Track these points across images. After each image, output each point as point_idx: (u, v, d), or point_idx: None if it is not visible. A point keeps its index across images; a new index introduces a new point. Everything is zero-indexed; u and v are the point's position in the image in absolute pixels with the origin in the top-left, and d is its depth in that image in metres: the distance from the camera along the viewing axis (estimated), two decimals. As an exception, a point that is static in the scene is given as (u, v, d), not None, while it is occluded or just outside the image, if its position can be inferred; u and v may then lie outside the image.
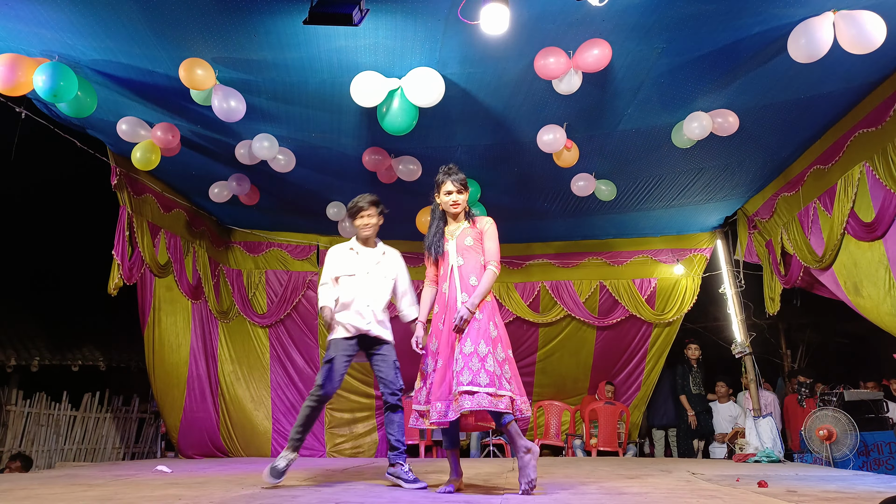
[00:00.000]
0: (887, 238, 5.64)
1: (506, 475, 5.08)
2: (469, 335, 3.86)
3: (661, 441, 9.22)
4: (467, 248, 4.11)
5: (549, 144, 5.95)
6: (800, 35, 4.55)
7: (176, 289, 7.69)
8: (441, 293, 4.15)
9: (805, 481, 4.61)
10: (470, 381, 3.70)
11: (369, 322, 4.51)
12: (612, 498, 3.60)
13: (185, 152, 6.37)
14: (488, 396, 3.67)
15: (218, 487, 4.23)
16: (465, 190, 4.20)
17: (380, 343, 4.58)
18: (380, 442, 9.22)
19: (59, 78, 4.91)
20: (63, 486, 4.27)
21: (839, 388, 7.46)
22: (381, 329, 4.58)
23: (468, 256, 4.09)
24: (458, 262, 4.09)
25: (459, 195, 4.17)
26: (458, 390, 3.71)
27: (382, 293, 4.62)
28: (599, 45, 4.82)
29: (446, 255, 4.16)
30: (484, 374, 3.72)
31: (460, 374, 3.75)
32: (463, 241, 4.13)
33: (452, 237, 4.18)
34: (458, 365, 3.79)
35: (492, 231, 4.15)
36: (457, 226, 4.21)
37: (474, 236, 4.13)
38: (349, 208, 4.67)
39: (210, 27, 4.70)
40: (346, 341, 4.51)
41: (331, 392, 4.44)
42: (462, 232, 4.16)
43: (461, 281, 4.05)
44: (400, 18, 4.63)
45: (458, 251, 4.12)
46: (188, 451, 8.07)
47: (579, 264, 9.35)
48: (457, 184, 4.16)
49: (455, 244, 4.15)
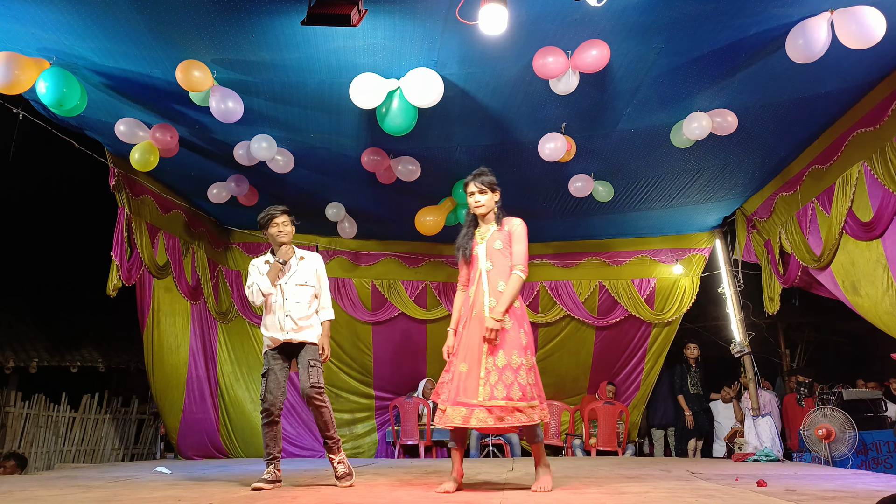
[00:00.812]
0: (885, 237, 5.65)
1: (505, 475, 5.08)
2: (501, 347, 3.87)
3: (661, 441, 9.22)
4: (497, 251, 4.07)
5: (551, 153, 5.94)
6: (797, 36, 4.56)
7: (175, 290, 7.68)
8: (467, 296, 4.12)
9: (804, 480, 4.61)
10: (505, 395, 3.76)
11: (288, 332, 4.50)
12: (612, 497, 3.61)
13: (183, 153, 6.37)
14: (522, 414, 3.76)
15: (218, 488, 4.24)
16: (491, 191, 4.13)
17: (302, 346, 4.57)
18: (379, 442, 9.22)
19: (62, 84, 4.93)
20: (62, 488, 4.26)
21: (838, 388, 7.46)
22: (304, 334, 4.55)
23: (497, 261, 4.05)
24: (486, 267, 4.07)
25: (482, 195, 4.12)
26: (493, 404, 3.75)
27: (301, 301, 4.57)
28: (598, 46, 4.82)
29: (475, 258, 4.13)
30: (517, 387, 3.78)
31: (494, 387, 3.79)
32: (492, 245, 4.09)
33: (482, 240, 4.14)
34: (493, 378, 3.81)
35: (520, 232, 4.10)
36: (486, 228, 4.18)
37: (503, 239, 4.09)
38: (261, 218, 4.66)
39: (207, 28, 4.70)
40: (276, 353, 4.55)
41: (274, 402, 4.43)
42: (492, 235, 4.12)
43: (489, 286, 4.02)
44: (398, 19, 4.63)
45: (488, 255, 4.08)
46: (188, 452, 8.06)
47: (578, 264, 9.36)
48: (479, 184, 4.12)
49: (485, 247, 4.11)
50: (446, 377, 4.03)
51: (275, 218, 4.61)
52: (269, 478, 4.31)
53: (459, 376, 3.90)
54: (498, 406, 3.75)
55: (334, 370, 9.10)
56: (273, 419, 4.43)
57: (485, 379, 3.82)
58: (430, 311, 9.35)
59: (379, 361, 9.32)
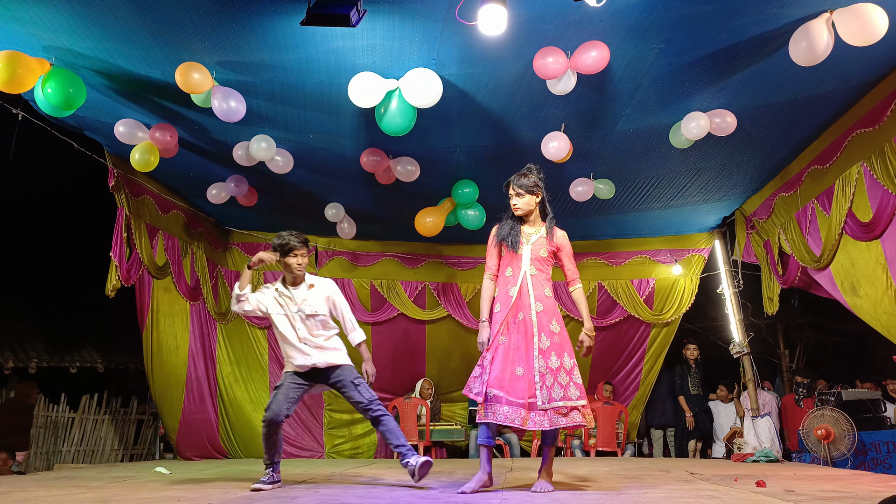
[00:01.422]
0: (885, 238, 5.65)
1: (504, 475, 5.08)
2: (553, 349, 3.94)
3: (660, 441, 9.22)
4: (541, 258, 4.11)
5: (556, 152, 5.94)
6: (800, 39, 4.56)
7: (174, 290, 7.68)
8: (506, 295, 4.07)
9: (803, 481, 4.61)
10: (562, 395, 3.85)
11: (311, 356, 4.44)
12: (611, 498, 3.61)
13: (183, 154, 6.37)
14: (578, 413, 3.87)
15: (217, 489, 4.24)
16: (530, 194, 4.13)
17: (333, 370, 4.50)
18: (378, 443, 9.21)
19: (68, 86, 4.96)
20: (61, 489, 4.26)
21: (837, 388, 7.46)
22: (329, 356, 4.49)
23: (541, 267, 4.10)
24: (531, 271, 4.08)
25: (519, 199, 4.13)
26: (552, 406, 3.82)
27: (313, 329, 4.51)
28: (598, 48, 4.83)
29: (518, 258, 4.12)
30: (573, 387, 3.90)
31: (552, 389, 3.84)
32: (538, 252, 4.11)
33: (528, 241, 4.14)
34: (549, 380, 3.87)
35: (569, 250, 4.24)
36: (533, 231, 4.18)
37: (549, 249, 4.14)
38: (280, 245, 4.51)
39: (207, 29, 4.70)
40: (296, 375, 4.48)
41: (277, 415, 4.34)
42: (538, 241, 4.14)
43: (534, 291, 4.04)
44: (398, 19, 4.63)
45: (532, 259, 4.10)
46: (187, 452, 8.06)
47: (577, 264, 9.32)
48: (516, 188, 4.14)
49: (530, 250, 4.12)
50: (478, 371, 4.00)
51: (296, 249, 4.49)
52: (268, 479, 4.30)
53: (516, 378, 3.89)
54: (555, 408, 3.83)
55: (334, 370, 9.08)
56: (273, 430, 4.37)
57: (540, 383, 3.86)
58: (429, 312, 9.34)
59: (378, 362, 9.16)
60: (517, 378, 3.89)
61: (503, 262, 4.18)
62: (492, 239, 4.24)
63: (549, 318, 4.02)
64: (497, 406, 3.86)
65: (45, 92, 4.92)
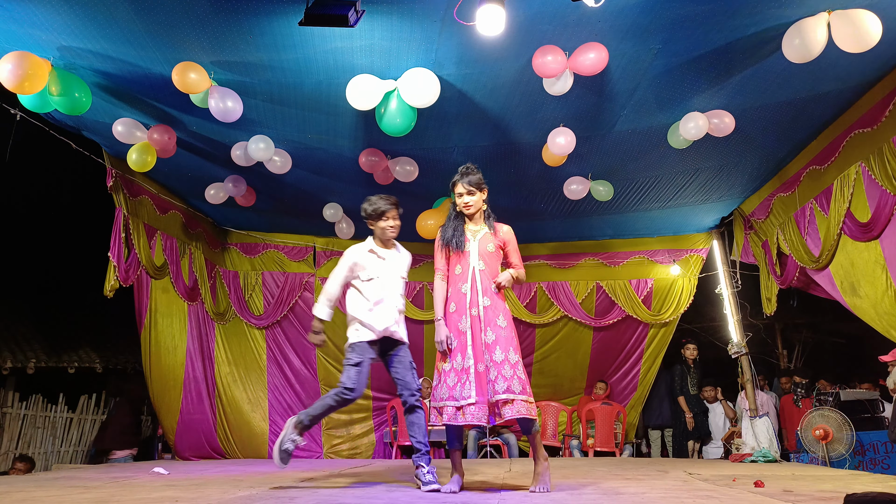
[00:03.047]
0: (883, 238, 5.66)
1: (503, 476, 5.08)
2: (498, 343, 3.96)
3: (658, 441, 9.22)
4: (489, 253, 4.16)
5: (563, 148, 5.93)
6: (794, 35, 4.57)
7: (172, 291, 7.68)
8: (460, 293, 4.11)
9: (801, 481, 4.62)
10: (506, 388, 3.86)
11: (396, 322, 4.44)
12: (610, 498, 3.61)
13: (181, 154, 6.37)
14: (525, 404, 3.86)
15: (215, 489, 4.23)
16: (479, 191, 4.24)
17: (398, 344, 4.50)
18: (377, 443, 9.22)
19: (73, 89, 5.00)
20: (60, 489, 4.26)
21: (835, 388, 7.47)
22: (402, 328, 4.53)
23: (489, 262, 4.14)
24: (479, 266, 4.13)
25: (470, 196, 4.22)
26: (496, 398, 3.85)
27: (401, 292, 4.58)
28: (596, 49, 4.83)
29: (466, 254, 4.17)
30: (517, 381, 3.88)
31: (495, 382, 3.88)
32: (485, 247, 4.17)
33: (474, 238, 4.21)
34: (492, 373, 3.90)
35: (514, 245, 4.28)
36: (478, 227, 4.25)
37: (496, 244, 4.20)
38: (370, 209, 4.54)
39: (205, 29, 4.70)
40: (370, 345, 4.41)
41: (359, 395, 4.37)
42: (484, 236, 4.20)
43: (483, 286, 4.08)
44: (396, 19, 4.63)
45: (480, 255, 4.15)
46: (185, 452, 8.06)
47: (576, 265, 9.36)
48: (467, 185, 4.22)
49: (477, 247, 4.18)
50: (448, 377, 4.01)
51: (387, 212, 4.55)
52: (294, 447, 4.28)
53: (478, 375, 3.92)
54: (501, 400, 3.84)
55: (332, 371, 9.08)
56: (344, 406, 4.40)
57: (485, 376, 3.90)
58: (426, 312, 9.33)
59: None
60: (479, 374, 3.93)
61: (451, 261, 4.23)
62: (438, 241, 4.31)
63: (497, 313, 4.05)
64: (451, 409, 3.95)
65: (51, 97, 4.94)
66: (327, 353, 8.95)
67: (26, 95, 5.03)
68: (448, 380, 4.00)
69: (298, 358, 8.95)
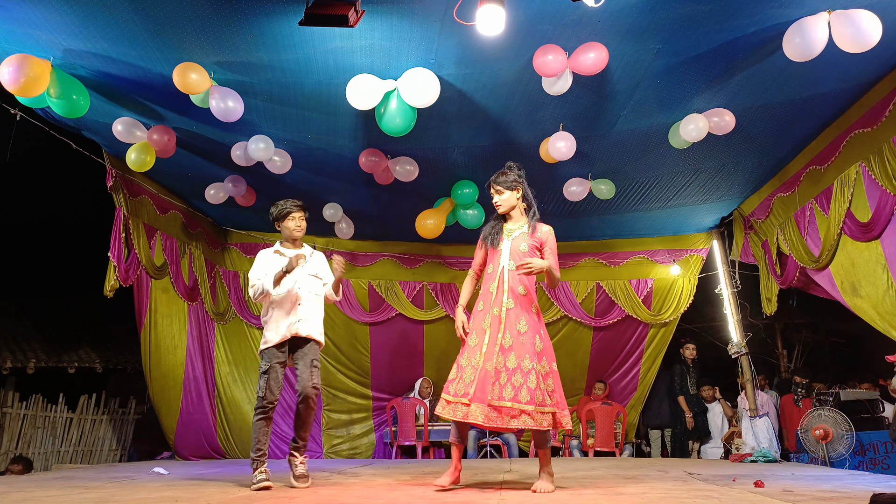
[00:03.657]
0: (884, 238, 5.65)
1: (503, 475, 5.08)
2: (514, 349, 3.90)
3: (658, 441, 9.22)
4: (521, 253, 4.10)
5: (566, 151, 5.92)
6: (794, 34, 4.56)
7: (172, 290, 7.68)
8: (487, 291, 4.12)
9: (801, 481, 4.62)
10: (512, 397, 3.79)
11: (300, 320, 4.59)
12: (610, 498, 3.61)
13: (180, 154, 6.36)
14: (529, 418, 3.77)
15: (215, 489, 4.23)
16: (509, 189, 4.24)
17: (306, 342, 4.64)
18: (377, 443, 9.22)
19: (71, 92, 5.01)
20: (59, 489, 4.26)
21: (835, 388, 7.47)
22: (312, 327, 4.65)
23: (520, 262, 4.05)
24: (509, 266, 4.08)
25: (499, 195, 4.25)
26: (500, 405, 3.79)
27: (312, 291, 4.71)
28: (596, 49, 4.83)
29: (498, 253, 4.15)
30: (526, 391, 3.80)
31: (503, 387, 3.82)
32: (518, 246, 4.12)
33: (509, 237, 4.19)
34: (503, 378, 3.84)
35: (552, 244, 4.19)
36: (516, 226, 4.23)
37: (530, 244, 4.13)
38: (276, 211, 4.83)
39: (205, 29, 4.70)
40: (275, 349, 4.55)
41: (273, 401, 4.49)
42: (519, 236, 4.17)
43: (509, 286, 4.05)
44: (396, 19, 4.63)
45: (512, 254, 4.11)
46: (185, 452, 8.06)
47: (576, 265, 9.36)
48: (496, 186, 4.26)
49: (510, 246, 4.15)
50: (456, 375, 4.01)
51: (292, 213, 4.77)
52: (267, 476, 4.30)
53: (485, 374, 3.89)
54: (505, 407, 3.79)
55: (332, 371, 9.09)
56: (269, 416, 4.51)
57: (494, 379, 3.85)
58: (427, 312, 9.34)
59: (376, 362, 9.32)
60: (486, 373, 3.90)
61: (488, 259, 4.23)
62: (480, 239, 4.34)
63: (518, 316, 4.00)
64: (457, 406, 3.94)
65: (50, 99, 4.95)
66: (327, 354, 8.96)
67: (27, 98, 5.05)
68: (465, 376, 3.96)
69: (298, 358, 8.93)
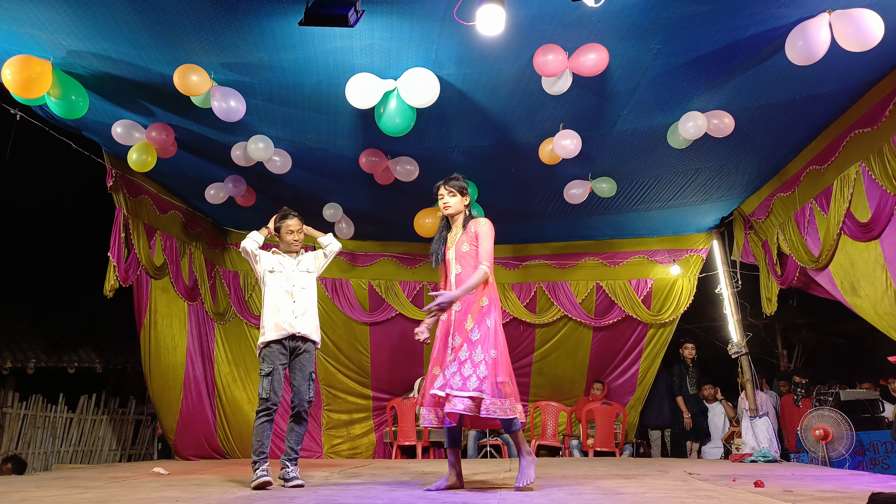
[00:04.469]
0: (883, 238, 5.65)
1: (502, 475, 5.08)
2: (464, 343, 3.90)
3: (658, 441, 9.22)
4: (464, 254, 4.11)
5: (573, 149, 5.91)
6: (797, 38, 4.56)
7: (172, 290, 7.67)
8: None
9: (801, 481, 4.62)
10: (460, 385, 3.77)
11: (297, 317, 4.64)
12: (609, 498, 3.61)
13: (180, 154, 6.37)
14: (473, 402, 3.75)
15: (215, 489, 4.23)
16: (461, 194, 4.22)
17: (304, 342, 4.68)
18: (377, 443, 9.22)
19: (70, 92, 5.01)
20: (59, 489, 4.26)
21: (835, 388, 7.47)
22: (309, 324, 4.70)
23: (466, 263, 4.09)
24: (456, 270, 4.12)
25: (451, 198, 4.22)
26: (448, 393, 3.77)
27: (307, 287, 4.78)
28: (596, 50, 4.82)
29: (448, 263, 4.18)
30: (475, 378, 3.77)
31: (452, 377, 3.82)
32: (460, 248, 4.14)
33: (452, 244, 4.20)
34: (452, 368, 3.85)
35: (485, 231, 4.10)
36: (456, 232, 4.24)
37: (470, 241, 4.12)
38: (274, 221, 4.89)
39: (205, 29, 4.70)
40: (276, 346, 4.60)
41: (277, 402, 4.53)
42: (459, 238, 4.18)
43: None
44: (396, 19, 4.63)
45: (457, 259, 4.13)
46: (185, 452, 8.06)
47: (576, 265, 9.36)
48: (448, 188, 4.23)
49: (454, 252, 4.16)
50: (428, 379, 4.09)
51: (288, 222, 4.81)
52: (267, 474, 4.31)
53: (432, 379, 3.98)
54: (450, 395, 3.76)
55: (331, 371, 9.09)
56: (272, 418, 4.52)
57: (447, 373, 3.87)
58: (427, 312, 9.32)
59: (376, 362, 9.32)
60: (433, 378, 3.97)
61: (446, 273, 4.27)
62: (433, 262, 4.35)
63: (465, 316, 4.01)
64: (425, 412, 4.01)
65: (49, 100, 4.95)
66: (327, 354, 8.96)
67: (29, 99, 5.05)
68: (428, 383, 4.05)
69: (298, 358, 8.93)
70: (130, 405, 10.27)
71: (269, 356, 4.57)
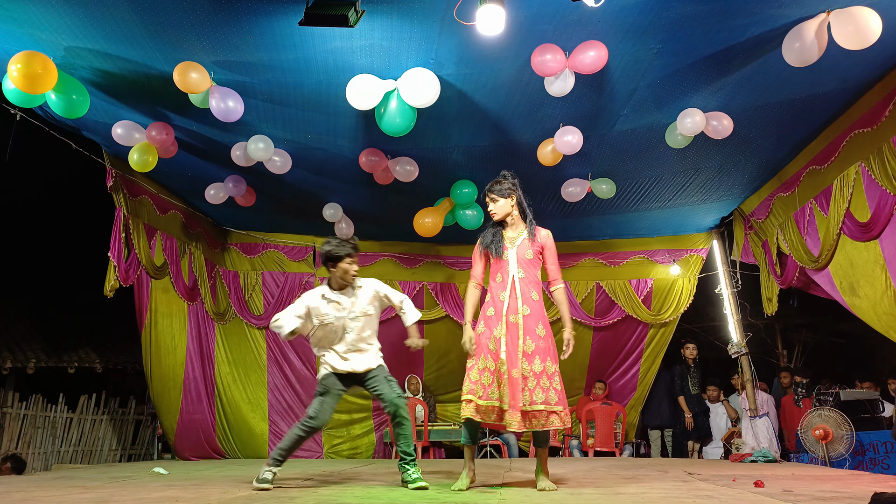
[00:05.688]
0: (883, 238, 5.65)
1: (503, 475, 5.08)
2: (537, 353, 4.03)
3: (658, 441, 9.22)
4: (527, 261, 4.19)
5: (574, 145, 5.91)
6: (794, 39, 4.56)
7: (172, 291, 7.67)
8: (497, 300, 4.17)
9: (801, 481, 4.62)
10: (543, 399, 3.95)
11: (353, 363, 4.52)
12: (609, 498, 3.61)
13: (181, 154, 6.37)
14: (557, 417, 3.97)
15: (215, 489, 4.23)
16: (503, 197, 4.28)
17: (370, 370, 4.57)
18: (377, 443, 9.21)
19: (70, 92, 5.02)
20: (59, 489, 4.26)
21: (835, 388, 7.46)
22: (368, 361, 4.56)
23: (528, 270, 4.18)
24: (518, 274, 4.17)
25: (493, 203, 4.31)
26: (533, 409, 3.94)
27: (364, 330, 4.59)
28: (595, 47, 4.83)
29: (505, 263, 4.21)
30: (553, 392, 3.97)
31: (533, 392, 3.96)
32: (523, 254, 4.20)
33: (513, 245, 4.24)
34: (531, 382, 3.97)
35: (552, 249, 4.28)
36: (516, 234, 4.29)
37: (534, 250, 4.22)
38: (330, 252, 4.57)
39: (205, 29, 4.70)
40: (336, 377, 4.55)
41: (322, 425, 4.49)
42: (522, 243, 4.23)
43: (522, 294, 4.13)
44: (396, 19, 4.63)
45: (519, 263, 4.19)
46: (185, 452, 8.05)
47: (576, 265, 9.35)
48: (491, 195, 4.32)
49: (515, 254, 4.21)
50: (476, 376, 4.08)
51: (349, 256, 4.62)
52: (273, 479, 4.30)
53: (514, 381, 3.99)
54: (535, 411, 3.95)
55: (332, 371, 9.08)
56: (311, 436, 4.51)
57: (523, 385, 3.97)
58: (427, 312, 9.32)
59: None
60: (514, 381, 4.00)
61: (492, 268, 4.28)
62: (477, 247, 4.36)
63: (536, 321, 4.10)
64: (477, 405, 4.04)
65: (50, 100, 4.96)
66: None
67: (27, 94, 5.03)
68: (472, 374, 4.09)
69: (299, 358, 8.94)
70: (130, 405, 10.26)
71: (329, 382, 4.54)
